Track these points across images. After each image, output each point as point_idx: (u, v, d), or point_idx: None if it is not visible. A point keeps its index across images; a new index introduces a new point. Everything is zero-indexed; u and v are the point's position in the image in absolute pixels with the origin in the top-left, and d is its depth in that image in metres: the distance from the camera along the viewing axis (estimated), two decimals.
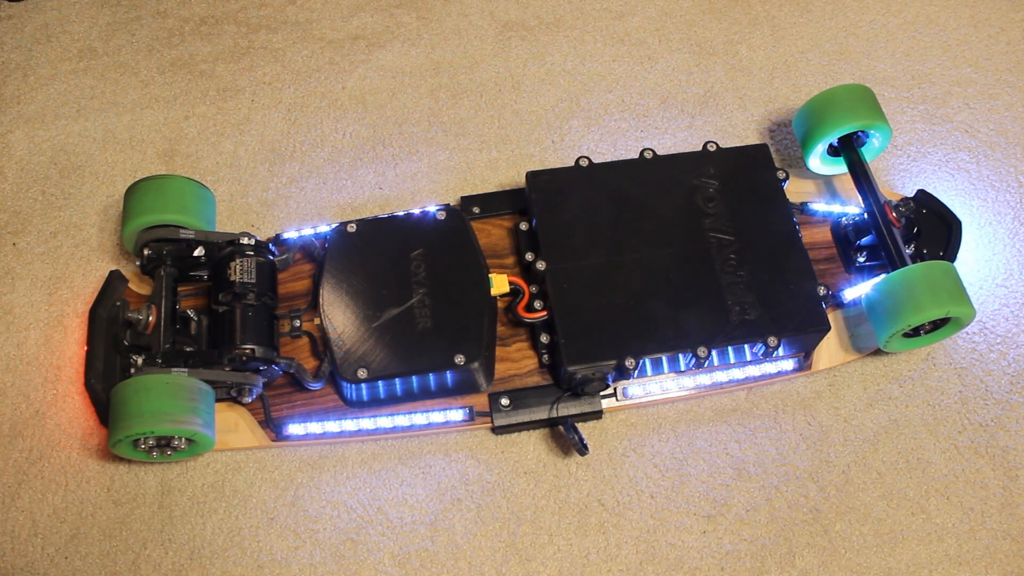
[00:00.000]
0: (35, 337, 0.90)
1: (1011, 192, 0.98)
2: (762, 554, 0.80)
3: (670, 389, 0.85)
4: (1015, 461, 0.84)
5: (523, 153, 1.01)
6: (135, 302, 0.87)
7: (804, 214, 0.93)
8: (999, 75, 1.06)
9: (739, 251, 0.84)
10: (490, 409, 0.83)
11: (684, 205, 0.86)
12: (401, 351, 0.79)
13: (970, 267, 0.93)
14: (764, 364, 0.85)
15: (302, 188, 0.99)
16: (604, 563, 0.80)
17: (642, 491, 0.83)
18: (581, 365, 0.79)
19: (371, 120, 1.04)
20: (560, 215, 0.85)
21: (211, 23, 1.11)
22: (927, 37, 1.09)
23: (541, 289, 0.83)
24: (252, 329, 0.80)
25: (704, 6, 1.12)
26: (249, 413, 0.84)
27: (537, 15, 1.12)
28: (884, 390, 0.88)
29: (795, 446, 0.85)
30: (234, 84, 1.06)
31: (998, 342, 0.90)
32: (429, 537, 0.81)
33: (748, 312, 0.81)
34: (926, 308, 0.78)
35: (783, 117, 1.03)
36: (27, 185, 0.99)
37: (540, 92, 1.05)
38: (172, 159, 1.01)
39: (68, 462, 0.84)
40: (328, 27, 1.11)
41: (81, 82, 1.07)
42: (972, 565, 0.80)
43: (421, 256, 0.84)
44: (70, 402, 0.87)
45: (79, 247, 0.95)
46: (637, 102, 1.05)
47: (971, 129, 1.02)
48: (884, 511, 0.82)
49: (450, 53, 1.08)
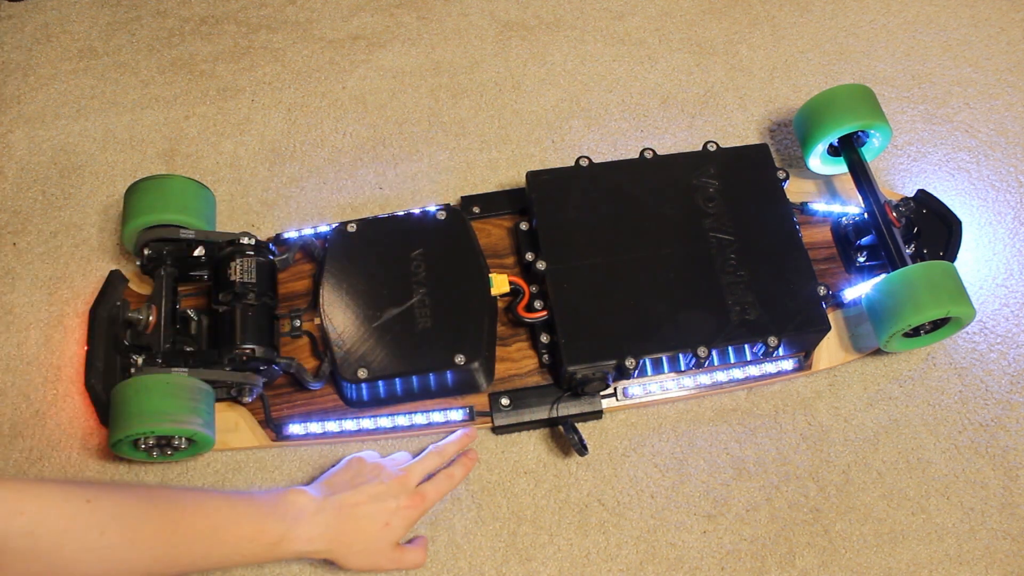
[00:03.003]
0: (35, 337, 0.90)
1: (1011, 192, 0.98)
2: (762, 554, 0.80)
3: (670, 389, 0.85)
4: (1015, 461, 0.84)
5: (523, 153, 1.01)
6: (135, 302, 0.87)
7: (804, 214, 0.93)
8: (999, 75, 1.06)
9: (739, 251, 0.84)
10: (490, 409, 0.83)
11: (684, 205, 0.86)
12: (401, 351, 0.79)
13: (970, 267, 0.93)
14: (764, 364, 0.85)
15: (302, 188, 0.99)
16: (604, 563, 0.80)
17: (642, 491, 0.83)
18: (581, 365, 0.79)
19: (371, 120, 1.04)
20: (560, 215, 0.85)
21: (211, 23, 1.11)
22: (927, 37, 1.09)
23: (541, 289, 0.83)
24: (252, 329, 0.80)
25: (704, 6, 1.12)
26: (249, 413, 0.84)
27: (537, 15, 1.12)
28: (884, 390, 0.88)
29: (795, 446, 0.85)
30: (234, 84, 1.06)
31: (998, 342, 0.90)
32: (429, 537, 0.81)
33: (748, 312, 0.81)
34: (926, 308, 0.78)
35: (783, 117, 1.03)
36: (27, 185, 1.00)
37: (540, 92, 1.05)
38: (172, 159, 1.01)
39: (68, 462, 0.84)
40: (328, 27, 1.11)
41: (81, 82, 1.07)
42: (972, 565, 0.80)
43: (421, 256, 0.84)
44: (70, 402, 0.87)
45: (79, 247, 0.95)
46: (637, 102, 1.05)
47: (971, 129, 1.02)
48: (884, 511, 0.82)
49: (450, 53, 1.08)
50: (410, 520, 0.75)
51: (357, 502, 0.74)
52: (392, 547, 0.75)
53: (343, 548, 0.73)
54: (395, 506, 0.75)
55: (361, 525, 0.73)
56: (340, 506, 0.73)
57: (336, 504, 0.73)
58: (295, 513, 0.72)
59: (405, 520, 0.75)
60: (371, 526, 0.74)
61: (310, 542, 0.72)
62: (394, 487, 0.76)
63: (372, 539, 0.74)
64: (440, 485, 0.78)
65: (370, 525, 0.74)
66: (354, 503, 0.74)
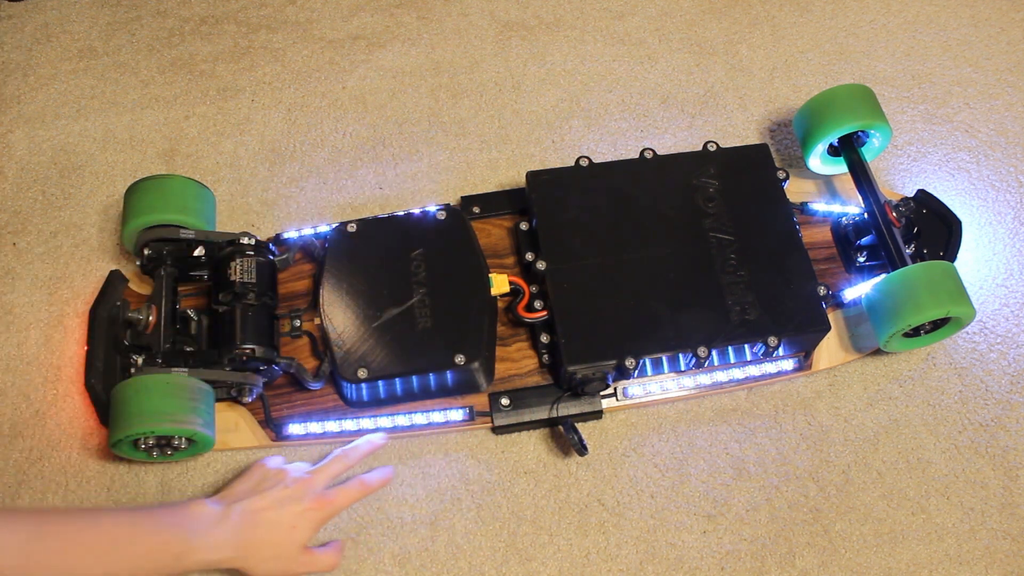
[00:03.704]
0: (35, 337, 0.90)
1: (1011, 192, 0.98)
2: (762, 554, 0.80)
3: (670, 389, 0.85)
4: (1015, 461, 0.84)
5: (523, 153, 1.01)
6: (135, 302, 0.87)
7: (804, 214, 0.93)
8: (999, 75, 1.06)
9: (739, 251, 0.84)
10: (490, 409, 0.83)
11: (684, 205, 0.86)
12: (401, 351, 0.79)
13: (970, 267, 0.93)
14: (764, 364, 0.85)
15: (302, 188, 0.99)
16: (604, 563, 0.80)
17: (642, 491, 0.83)
18: (581, 365, 0.79)
19: (371, 120, 1.04)
20: (560, 215, 0.85)
21: (211, 23, 1.11)
22: (927, 37, 1.09)
23: (541, 289, 0.83)
24: (252, 329, 0.80)
25: (704, 6, 1.12)
26: (249, 413, 0.84)
27: (537, 15, 1.12)
28: (884, 390, 0.88)
29: (795, 446, 0.85)
30: (234, 84, 1.06)
31: (998, 342, 0.90)
32: (429, 537, 0.81)
33: (748, 312, 0.81)
34: (926, 308, 0.78)
35: (783, 117, 1.03)
36: (27, 185, 1.00)
37: (540, 92, 1.05)
38: (172, 159, 1.01)
39: (68, 462, 0.84)
40: (328, 27, 1.11)
41: (81, 82, 1.07)
42: (972, 565, 0.80)
43: (421, 256, 0.84)
44: (70, 402, 0.87)
45: (79, 247, 0.95)
46: (637, 102, 1.05)
47: (971, 129, 1.02)
48: (884, 511, 0.82)
49: (450, 53, 1.08)
50: (316, 522, 0.75)
51: (261, 507, 0.73)
52: (301, 550, 0.74)
53: (251, 555, 0.72)
54: (300, 509, 0.74)
55: (267, 530, 0.73)
56: (244, 512, 0.73)
57: (240, 511, 0.73)
58: (196, 523, 0.71)
59: (311, 523, 0.74)
60: (277, 530, 0.73)
61: (216, 550, 0.70)
62: (298, 491, 0.75)
63: (279, 544, 0.73)
64: (351, 490, 0.77)
65: (276, 529, 0.73)
66: (258, 508, 0.73)
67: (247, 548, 0.72)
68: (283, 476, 0.76)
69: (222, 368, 0.79)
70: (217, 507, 0.73)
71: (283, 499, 0.74)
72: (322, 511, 0.75)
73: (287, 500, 0.74)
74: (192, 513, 0.71)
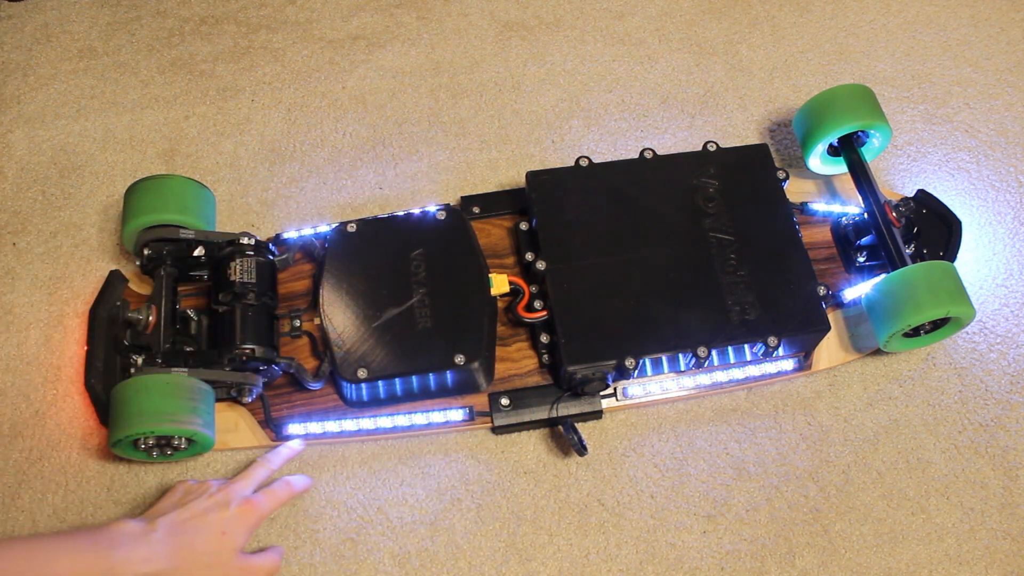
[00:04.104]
0: (35, 337, 0.90)
1: (1011, 192, 0.98)
2: (762, 554, 0.80)
3: (670, 389, 0.85)
4: (1015, 461, 0.84)
5: (523, 153, 1.01)
6: (135, 302, 0.87)
7: (804, 214, 0.93)
8: (999, 75, 1.06)
9: (739, 251, 0.84)
10: (490, 409, 0.83)
11: (684, 205, 0.86)
12: (401, 351, 0.79)
13: (970, 267, 0.93)
14: (764, 364, 0.85)
15: (302, 188, 0.99)
16: (604, 563, 0.80)
17: (642, 491, 0.83)
18: (581, 365, 0.79)
19: (371, 120, 1.04)
20: (560, 215, 0.85)
21: (211, 23, 1.11)
22: (927, 37, 1.09)
23: (541, 289, 0.83)
24: (252, 329, 0.80)
25: (704, 6, 1.12)
26: (249, 413, 0.84)
27: (537, 15, 1.12)
28: (884, 390, 0.88)
29: (795, 446, 0.85)
30: (234, 84, 1.06)
31: (998, 342, 0.90)
32: (429, 537, 0.81)
33: (748, 312, 0.81)
34: (926, 308, 0.78)
35: (783, 117, 1.03)
36: (27, 185, 1.00)
37: (540, 92, 1.05)
38: (172, 159, 1.01)
39: (68, 462, 0.84)
40: (328, 27, 1.11)
41: (81, 82, 1.07)
42: (972, 565, 0.80)
43: (421, 256, 0.84)
44: (70, 402, 0.87)
45: (79, 247, 0.95)
46: (637, 102, 1.05)
47: (971, 129, 1.02)
48: (884, 511, 0.82)
49: (450, 53, 1.08)
50: (246, 527, 0.75)
51: (187, 517, 0.73)
52: (236, 556, 0.74)
53: (185, 565, 0.71)
54: (227, 515, 0.74)
55: (197, 537, 0.72)
56: (171, 524, 0.72)
57: (166, 523, 0.72)
58: (119, 541, 0.70)
59: (241, 527, 0.74)
60: (207, 537, 0.73)
61: (146, 563, 0.70)
62: (223, 497, 0.75)
63: (212, 551, 0.73)
64: (278, 492, 0.78)
65: (206, 536, 0.73)
66: (184, 519, 0.73)
67: (179, 559, 0.71)
68: (207, 487, 0.77)
69: (222, 368, 0.79)
70: (140, 524, 0.72)
71: (209, 507, 0.74)
72: (251, 515, 0.75)
73: (213, 507, 0.74)
74: (113, 532, 0.71)
